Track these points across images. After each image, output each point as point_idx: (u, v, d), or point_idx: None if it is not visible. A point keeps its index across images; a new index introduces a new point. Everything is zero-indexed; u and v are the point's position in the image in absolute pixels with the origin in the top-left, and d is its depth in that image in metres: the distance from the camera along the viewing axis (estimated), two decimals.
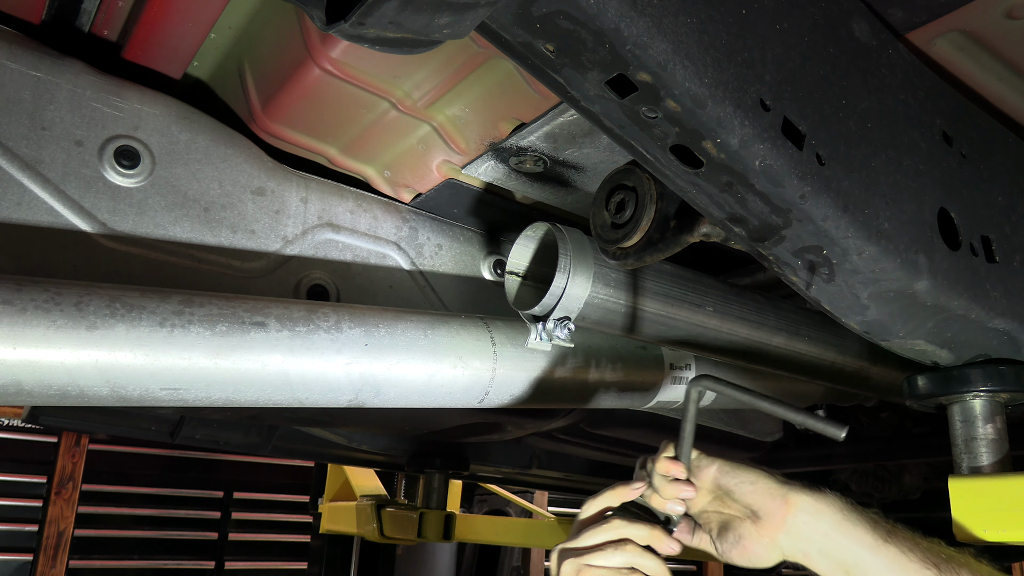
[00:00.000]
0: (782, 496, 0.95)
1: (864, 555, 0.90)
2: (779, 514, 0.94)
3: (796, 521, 0.93)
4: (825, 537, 0.92)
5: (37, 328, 0.92)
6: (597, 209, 1.09)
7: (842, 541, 0.92)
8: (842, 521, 0.92)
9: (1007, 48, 0.93)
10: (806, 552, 0.94)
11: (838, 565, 0.92)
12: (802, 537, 0.93)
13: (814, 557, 0.93)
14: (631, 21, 0.64)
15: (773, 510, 0.94)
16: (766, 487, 0.96)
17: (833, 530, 0.92)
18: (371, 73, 1.13)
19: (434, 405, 1.26)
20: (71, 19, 1.21)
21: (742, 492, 0.97)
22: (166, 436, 2.31)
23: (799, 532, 0.93)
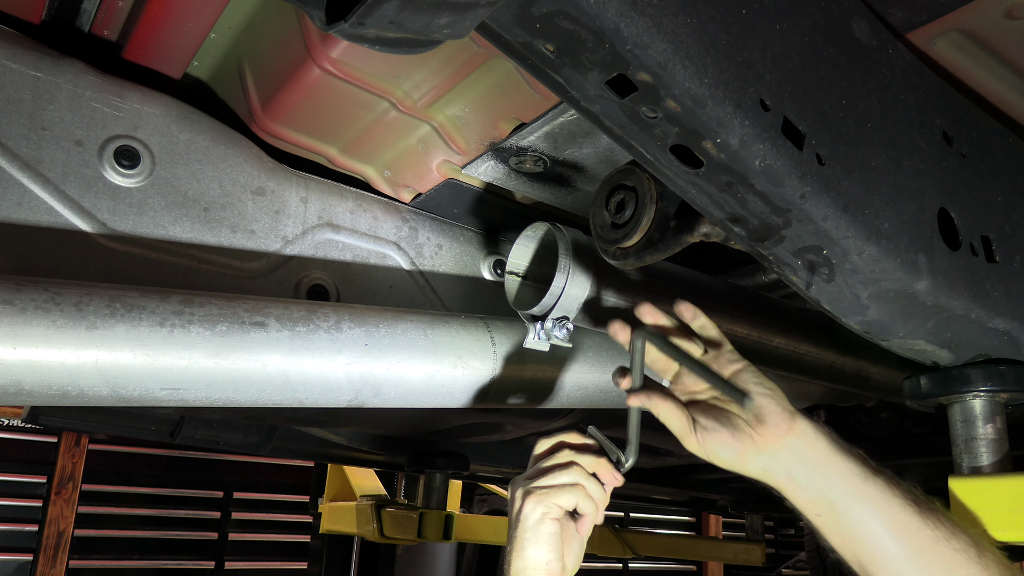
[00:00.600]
0: (790, 414, 0.93)
1: (851, 487, 0.90)
2: (781, 428, 0.92)
3: (795, 441, 0.92)
4: (817, 464, 0.92)
5: (37, 328, 0.92)
6: (597, 209, 1.09)
7: (832, 471, 0.91)
8: (834, 452, 0.92)
9: (1007, 48, 0.93)
10: (791, 475, 0.93)
11: (821, 494, 0.92)
12: (794, 458, 0.92)
13: (799, 481, 0.92)
14: (631, 21, 0.64)
15: (778, 422, 0.92)
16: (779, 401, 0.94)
17: (826, 459, 0.92)
18: (371, 73, 1.13)
19: (434, 405, 1.26)
20: (71, 19, 1.20)
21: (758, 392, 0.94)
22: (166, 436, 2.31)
23: (793, 452, 0.92)
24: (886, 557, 0.89)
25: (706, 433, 0.95)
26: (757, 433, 0.93)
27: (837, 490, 0.91)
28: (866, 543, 0.90)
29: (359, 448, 2.72)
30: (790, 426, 0.92)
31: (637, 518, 6.87)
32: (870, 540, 0.89)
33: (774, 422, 0.92)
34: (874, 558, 0.89)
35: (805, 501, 0.93)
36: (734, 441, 0.93)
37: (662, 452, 2.61)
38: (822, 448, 0.92)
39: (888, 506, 0.89)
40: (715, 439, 0.95)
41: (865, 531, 0.90)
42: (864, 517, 0.90)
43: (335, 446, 2.70)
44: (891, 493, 0.89)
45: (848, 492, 0.90)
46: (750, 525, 4.03)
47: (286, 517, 5.79)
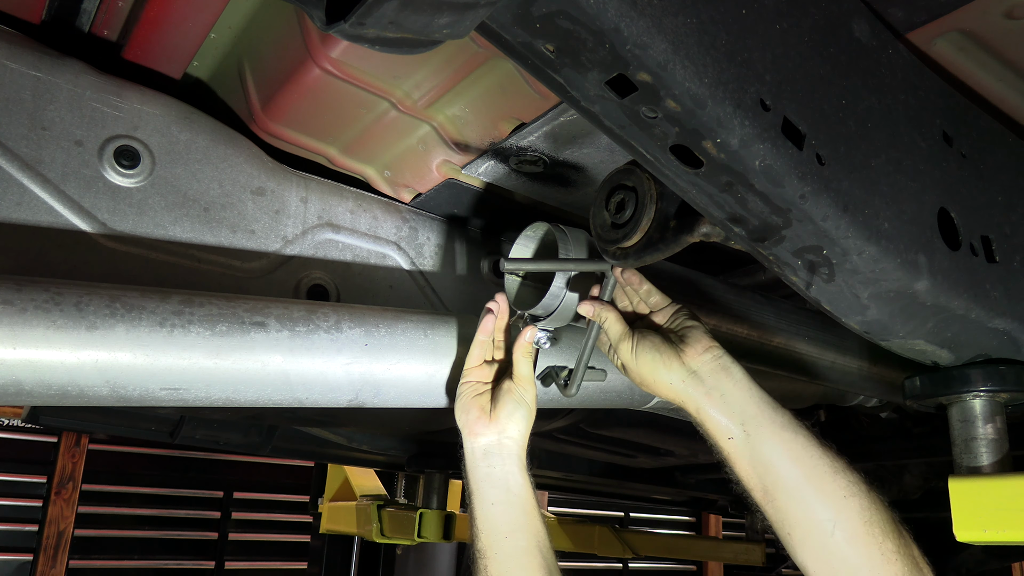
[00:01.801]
0: (710, 340, 1.06)
1: (762, 413, 1.00)
2: (702, 344, 1.04)
3: (711, 359, 1.03)
4: (735, 384, 1.02)
5: (37, 328, 0.92)
6: (597, 209, 1.09)
7: (745, 396, 1.01)
8: (749, 380, 1.03)
9: (1007, 48, 0.93)
10: (708, 392, 1.02)
11: (735, 414, 1.01)
12: (711, 375, 1.03)
13: (715, 400, 1.02)
14: (631, 21, 0.64)
15: (699, 340, 1.05)
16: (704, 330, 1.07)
17: (742, 381, 1.02)
18: (371, 73, 1.13)
19: (434, 405, 1.26)
20: (71, 19, 1.21)
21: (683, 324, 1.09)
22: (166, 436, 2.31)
23: (712, 366, 1.03)
24: (788, 481, 0.96)
25: (640, 336, 1.08)
26: (682, 349, 1.05)
27: (749, 413, 1.00)
28: (772, 467, 0.98)
29: (359, 448, 2.72)
30: (709, 346, 1.04)
31: (637, 518, 6.87)
32: (776, 464, 0.97)
33: (696, 339, 1.05)
34: (777, 482, 0.97)
35: (718, 424, 1.02)
36: (662, 346, 1.06)
37: (662, 452, 2.61)
38: (738, 371, 1.03)
39: (794, 434, 0.98)
40: (646, 342, 1.07)
41: (772, 455, 0.98)
42: (772, 442, 0.98)
43: (335, 446, 2.70)
44: (797, 424, 0.99)
45: (759, 416, 1.00)
46: (750, 525, 4.03)
47: (286, 517, 5.79)
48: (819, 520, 0.93)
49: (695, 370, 1.04)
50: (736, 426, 1.00)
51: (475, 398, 1.16)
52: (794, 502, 0.96)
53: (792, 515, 0.96)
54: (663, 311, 1.13)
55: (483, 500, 1.12)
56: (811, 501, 0.94)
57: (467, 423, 1.15)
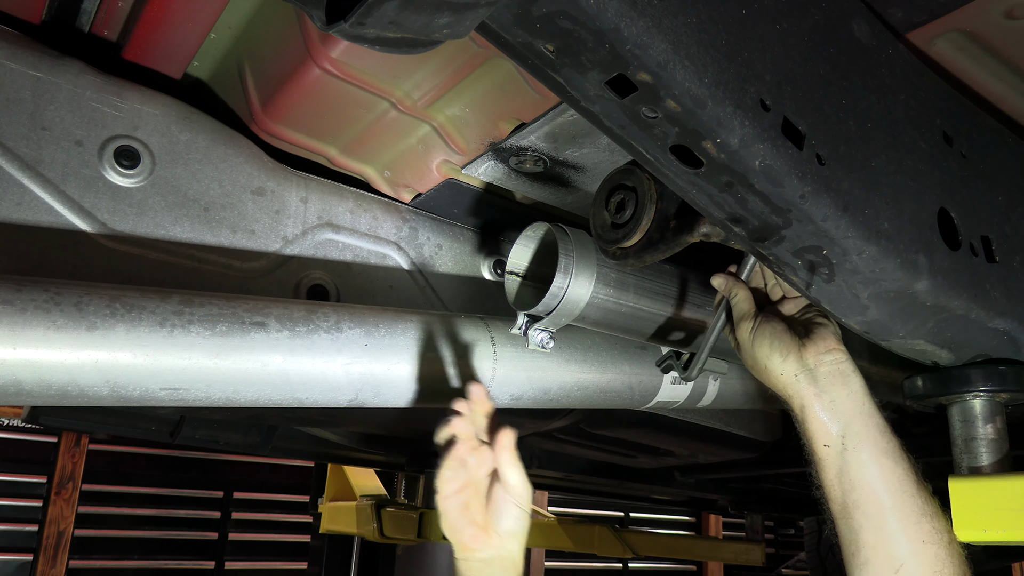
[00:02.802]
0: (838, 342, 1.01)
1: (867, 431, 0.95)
2: (828, 343, 0.99)
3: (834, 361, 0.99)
4: (846, 395, 0.97)
5: (37, 328, 0.92)
6: (597, 209, 1.09)
7: (856, 409, 0.96)
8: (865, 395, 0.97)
9: (1007, 48, 0.93)
10: (819, 394, 0.98)
11: (837, 425, 0.96)
12: (826, 378, 0.98)
13: (823, 404, 0.97)
14: (631, 21, 0.64)
15: (826, 337, 1.00)
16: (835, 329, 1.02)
17: (856, 395, 0.97)
18: (371, 73, 1.13)
19: (434, 405, 1.26)
20: (71, 19, 1.20)
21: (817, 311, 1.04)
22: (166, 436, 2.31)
23: (827, 371, 0.98)
24: (872, 507, 0.93)
25: (764, 323, 1.04)
26: (804, 343, 1.00)
27: (854, 427, 0.95)
28: (859, 488, 0.94)
29: (359, 448, 2.72)
30: (833, 348, 0.99)
31: (637, 518, 6.87)
32: (865, 486, 0.93)
33: (823, 336, 1.00)
34: (859, 504, 0.93)
35: (819, 427, 0.97)
36: (784, 335, 1.01)
37: (662, 452, 2.61)
38: (856, 384, 0.98)
39: (894, 464, 0.93)
40: (768, 329, 1.03)
41: (864, 476, 0.94)
42: (868, 463, 0.93)
43: (335, 446, 2.70)
44: (900, 453, 0.94)
45: (863, 433, 0.95)
46: (750, 525, 4.03)
47: (286, 517, 5.79)
48: (890, 555, 0.90)
49: (811, 367, 0.99)
50: (836, 436, 0.96)
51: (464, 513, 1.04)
52: (870, 529, 0.92)
53: (864, 539, 0.93)
54: (796, 300, 1.09)
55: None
56: (889, 534, 0.91)
57: (461, 542, 1.04)
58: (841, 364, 0.99)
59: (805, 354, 1.00)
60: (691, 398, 1.57)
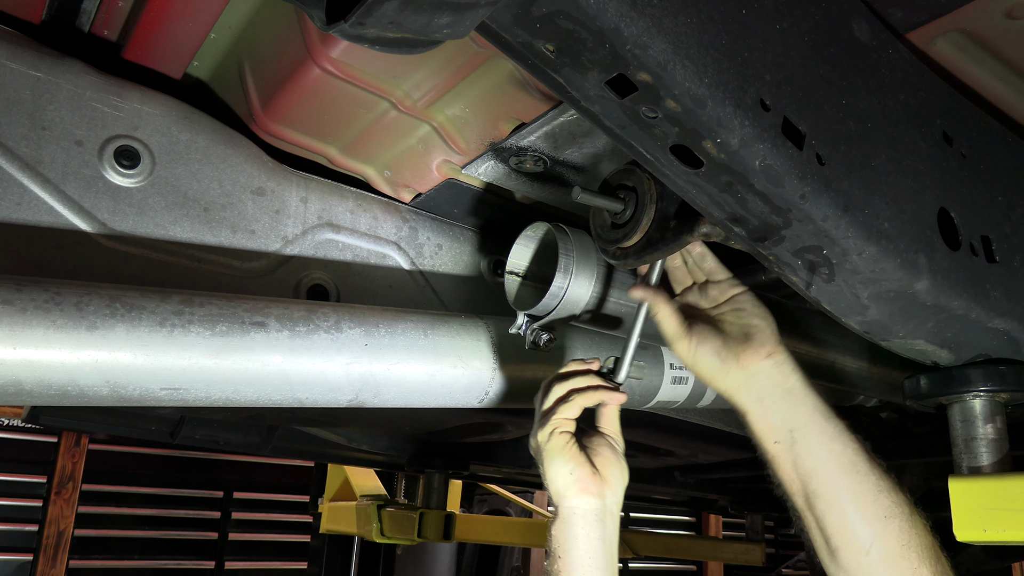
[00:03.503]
0: (776, 341, 1.01)
1: (813, 421, 0.96)
2: (766, 348, 0.99)
3: (773, 366, 0.99)
4: (788, 392, 0.98)
5: (37, 328, 0.92)
6: (597, 209, 1.09)
7: (799, 403, 0.98)
8: (805, 387, 0.99)
9: (1007, 48, 0.93)
10: (762, 398, 0.99)
11: (785, 422, 0.98)
12: (769, 379, 0.99)
13: (768, 405, 0.99)
14: (631, 21, 0.64)
15: (763, 343, 1.00)
16: (770, 329, 1.01)
17: (797, 390, 0.98)
18: (371, 73, 1.13)
19: (434, 405, 1.26)
20: (71, 19, 1.20)
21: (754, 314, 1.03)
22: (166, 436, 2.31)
23: (769, 376, 0.99)
24: (831, 492, 0.94)
25: (699, 338, 1.02)
26: (742, 350, 1.00)
27: (800, 420, 0.97)
28: (815, 475, 0.95)
29: (359, 448, 2.72)
30: (772, 351, 0.99)
31: (637, 518, 6.87)
32: (820, 473, 0.95)
33: (760, 342, 1.00)
34: (819, 491, 0.95)
35: (767, 427, 0.99)
36: (722, 350, 1.01)
37: (662, 452, 2.61)
38: (795, 380, 0.99)
39: (843, 447, 0.95)
40: (705, 345, 1.02)
41: (817, 463, 0.95)
42: (818, 451, 0.95)
43: (335, 446, 2.70)
44: (848, 436, 0.96)
45: (809, 424, 0.96)
46: (750, 525, 4.03)
47: (286, 517, 5.79)
48: (857, 537, 0.92)
49: (753, 374, 0.99)
50: (784, 431, 0.97)
51: (580, 451, 1.01)
52: (834, 515, 0.94)
53: (830, 526, 0.94)
54: (720, 285, 1.07)
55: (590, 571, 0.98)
56: (851, 517, 0.92)
57: (578, 479, 0.99)
58: (781, 365, 0.99)
59: (745, 363, 0.99)
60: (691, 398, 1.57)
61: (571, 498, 0.99)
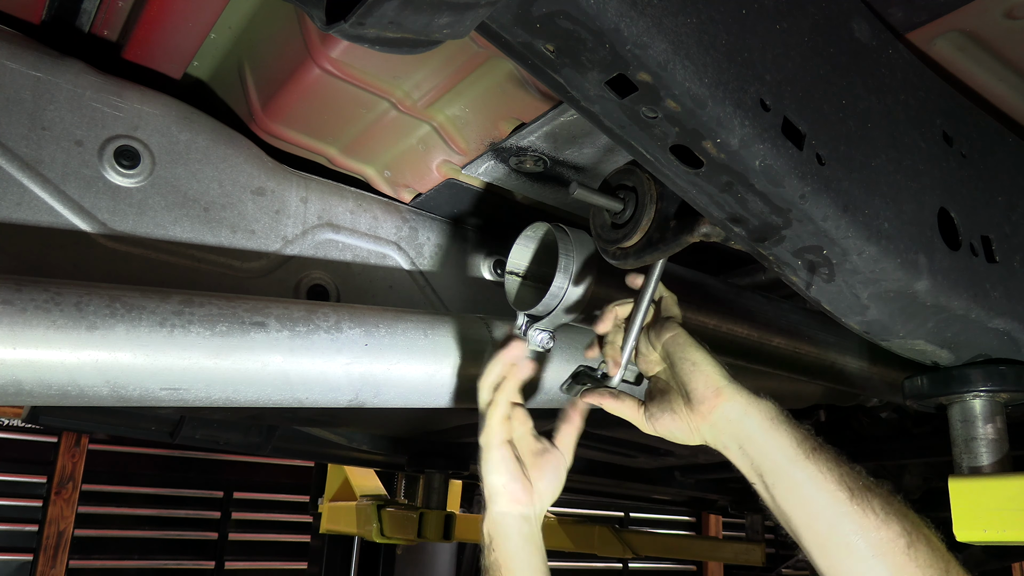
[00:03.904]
0: (715, 388, 0.97)
1: (782, 464, 0.93)
2: (707, 404, 0.97)
3: (721, 416, 0.96)
4: (748, 439, 0.95)
5: (37, 328, 0.92)
6: (597, 209, 1.09)
7: (764, 447, 0.94)
8: (769, 428, 0.94)
9: (1007, 48, 0.93)
10: (726, 446, 0.98)
11: (754, 467, 0.95)
12: (724, 432, 0.97)
13: (733, 452, 0.97)
14: (631, 21, 0.64)
15: (703, 398, 0.97)
16: (705, 373, 0.98)
17: (757, 434, 0.95)
18: (371, 73, 1.13)
19: (434, 405, 1.26)
20: (71, 19, 1.21)
21: (682, 369, 1.00)
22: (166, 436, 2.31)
23: (722, 427, 0.96)
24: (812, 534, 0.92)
25: (655, 420, 1.03)
26: (689, 410, 0.99)
27: (766, 467, 0.94)
28: (793, 518, 0.93)
29: (359, 448, 2.72)
30: (715, 400, 0.96)
31: (637, 518, 6.87)
32: (796, 517, 0.93)
33: (698, 398, 0.97)
34: (799, 532, 0.93)
35: (742, 469, 0.98)
36: (678, 421, 1.00)
37: (662, 452, 2.61)
38: (754, 423, 0.95)
39: (816, 491, 0.91)
40: (663, 424, 1.02)
41: (793, 507, 0.93)
42: (789, 497, 0.93)
43: (335, 446, 2.70)
44: (823, 477, 0.91)
45: (776, 471, 0.93)
46: (750, 525, 4.03)
47: (286, 517, 5.79)
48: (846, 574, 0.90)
49: (706, 430, 0.98)
50: (755, 477, 0.96)
51: (515, 463, 1.09)
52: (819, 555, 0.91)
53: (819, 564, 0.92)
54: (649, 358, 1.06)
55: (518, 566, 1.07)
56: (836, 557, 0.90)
57: (512, 491, 1.08)
58: (732, 411, 0.96)
59: (697, 424, 0.99)
60: None
61: (501, 505, 1.08)
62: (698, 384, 0.98)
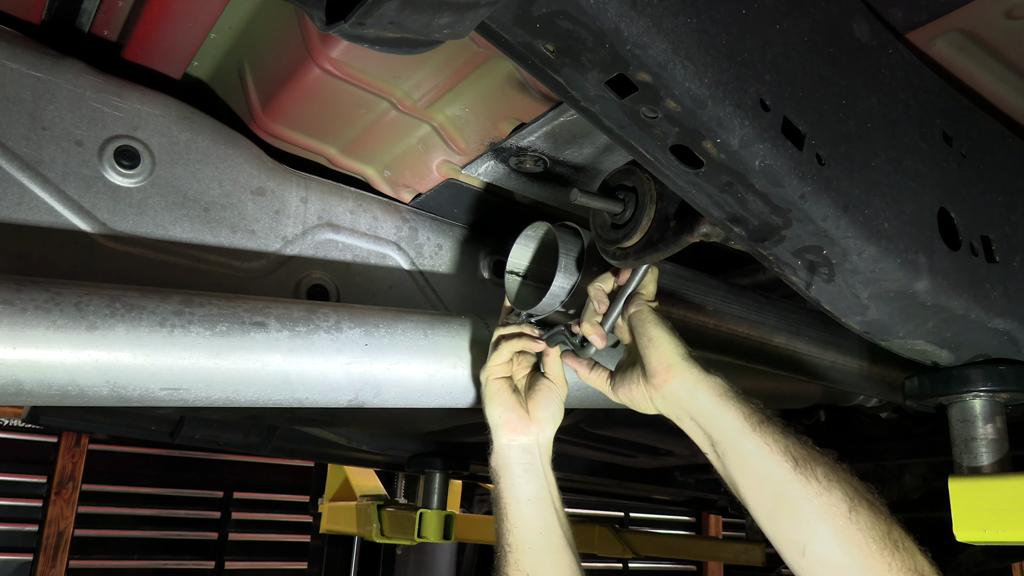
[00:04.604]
0: (667, 364, 1.03)
1: (731, 436, 0.99)
2: (659, 378, 1.03)
3: (672, 389, 1.02)
4: (698, 412, 1.01)
5: (37, 328, 0.92)
6: (597, 210, 1.09)
7: (714, 419, 1.00)
8: (718, 403, 1.00)
9: (1007, 48, 0.93)
10: (679, 417, 1.05)
11: (705, 437, 1.02)
12: (676, 405, 1.03)
13: (686, 423, 1.04)
14: (631, 21, 0.64)
15: (656, 371, 1.03)
16: (660, 349, 1.04)
17: (706, 407, 1.00)
18: (371, 73, 1.13)
19: (434, 405, 1.26)
20: (71, 19, 1.21)
21: (640, 344, 1.06)
22: (166, 436, 2.31)
23: (673, 400, 1.03)
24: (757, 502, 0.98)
25: (618, 388, 1.11)
26: (645, 381, 1.05)
27: (716, 438, 1.01)
28: (742, 486, 0.99)
29: (359, 448, 2.72)
30: (667, 375, 1.02)
31: (637, 518, 6.87)
32: (745, 484, 0.99)
33: (652, 371, 1.04)
34: (749, 500, 0.99)
35: (695, 440, 1.05)
36: (636, 391, 1.07)
37: (662, 452, 2.61)
38: (703, 397, 1.01)
39: (762, 460, 0.96)
40: (625, 392, 1.09)
41: (741, 476, 0.99)
42: (739, 465, 0.99)
43: (335, 446, 2.70)
44: (767, 449, 0.96)
45: (724, 442, 1.00)
46: (750, 525, 4.02)
47: (286, 517, 5.79)
48: (789, 540, 0.95)
49: (660, 402, 1.05)
50: (708, 447, 1.03)
51: (512, 395, 1.16)
52: (767, 521, 0.97)
53: (767, 530, 0.98)
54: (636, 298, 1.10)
55: (518, 496, 1.14)
56: (780, 523, 0.95)
57: (508, 420, 1.15)
58: (683, 385, 1.01)
59: (652, 395, 1.05)
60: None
61: (502, 436, 1.16)
62: (652, 359, 1.04)
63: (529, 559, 1.11)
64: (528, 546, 1.11)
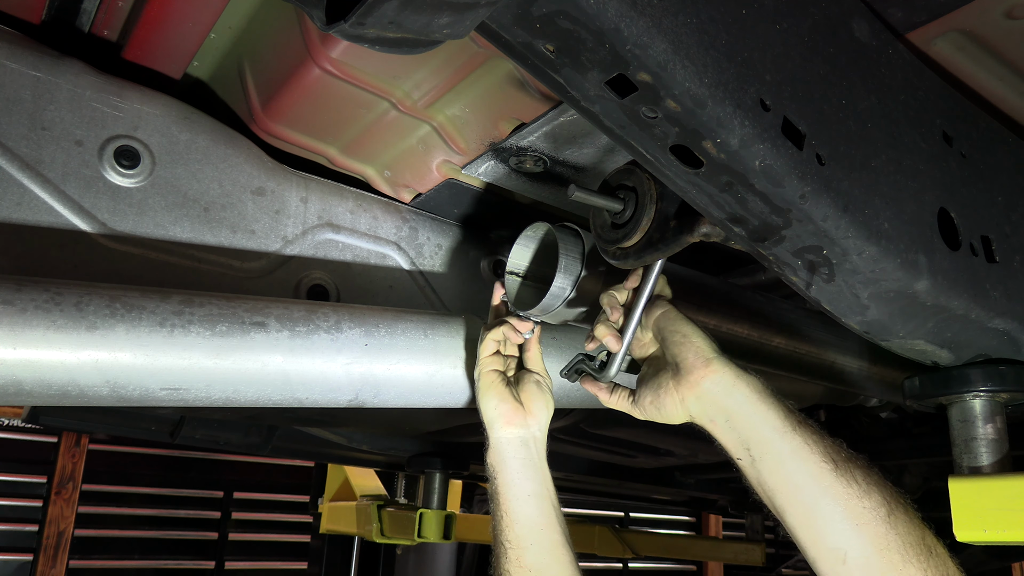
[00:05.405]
0: (705, 359, 0.98)
1: (768, 436, 0.94)
2: (696, 374, 0.98)
3: (710, 386, 0.97)
4: (735, 411, 0.96)
5: (37, 328, 0.92)
6: (597, 209, 1.09)
7: (751, 419, 0.95)
8: (756, 401, 0.96)
9: (1007, 48, 0.93)
10: (713, 419, 0.98)
11: (740, 441, 0.96)
12: (712, 404, 0.97)
13: (720, 426, 0.98)
14: (631, 21, 0.64)
15: (692, 368, 0.98)
16: (696, 344, 1.00)
17: (744, 406, 0.96)
18: (371, 73, 1.13)
19: (434, 405, 1.26)
20: (71, 19, 1.21)
21: (672, 341, 1.02)
22: (166, 436, 2.31)
23: (710, 398, 0.97)
24: (796, 508, 0.92)
25: (644, 403, 1.05)
26: (676, 383, 1.00)
27: (752, 440, 0.95)
28: (778, 493, 0.94)
29: (359, 448, 2.72)
30: (704, 372, 0.97)
31: (637, 518, 6.87)
32: (782, 491, 0.93)
33: (688, 368, 0.99)
34: (785, 507, 0.94)
35: (727, 445, 0.99)
36: (665, 397, 1.01)
37: (662, 452, 2.61)
38: (742, 395, 0.96)
39: (801, 463, 0.92)
40: (653, 402, 1.03)
41: (778, 481, 0.94)
42: (778, 469, 0.93)
43: (335, 446, 2.70)
44: (809, 450, 0.92)
45: (763, 444, 0.94)
46: (750, 525, 4.03)
47: (286, 517, 5.79)
48: (830, 548, 0.90)
49: (693, 403, 0.99)
50: (742, 451, 0.96)
51: (505, 387, 1.17)
52: (803, 528, 0.92)
53: (802, 539, 0.93)
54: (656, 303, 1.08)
55: (518, 493, 1.13)
56: (821, 530, 0.90)
57: (504, 412, 1.15)
58: (721, 382, 0.97)
59: (684, 392, 0.99)
60: None
61: (498, 429, 1.15)
62: (688, 355, 0.99)
63: (531, 555, 1.10)
64: (529, 542, 1.11)
